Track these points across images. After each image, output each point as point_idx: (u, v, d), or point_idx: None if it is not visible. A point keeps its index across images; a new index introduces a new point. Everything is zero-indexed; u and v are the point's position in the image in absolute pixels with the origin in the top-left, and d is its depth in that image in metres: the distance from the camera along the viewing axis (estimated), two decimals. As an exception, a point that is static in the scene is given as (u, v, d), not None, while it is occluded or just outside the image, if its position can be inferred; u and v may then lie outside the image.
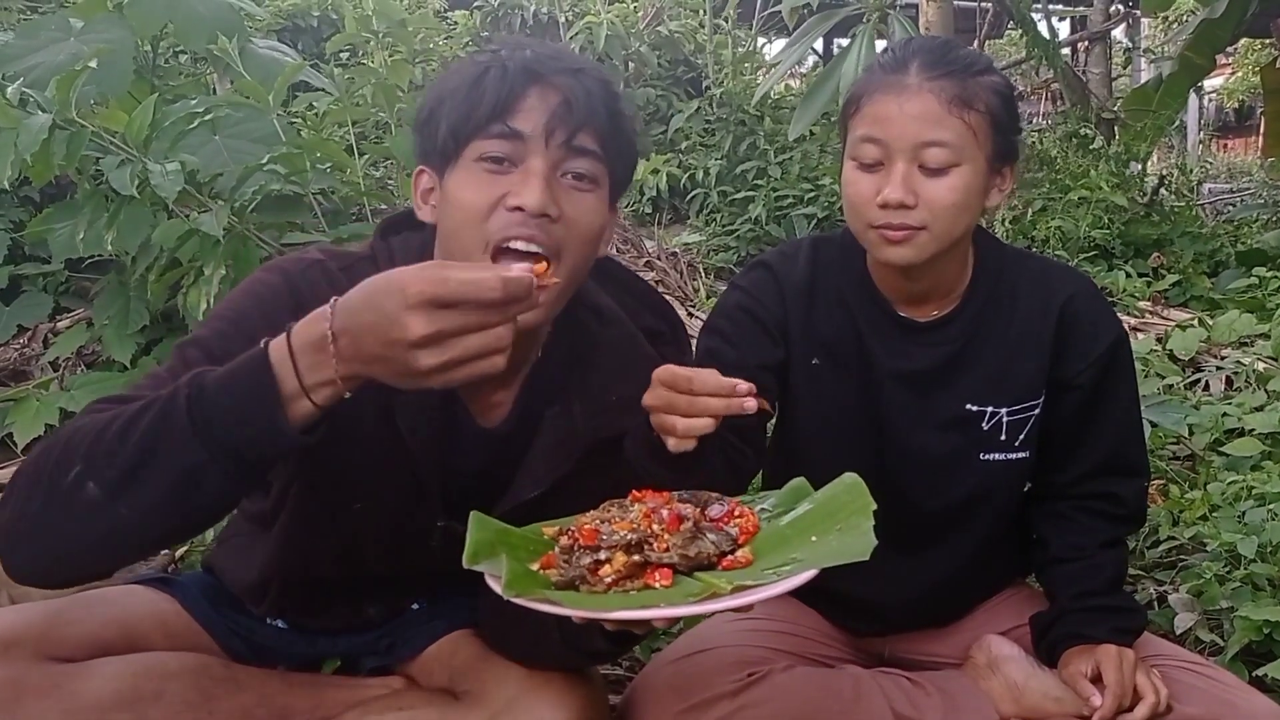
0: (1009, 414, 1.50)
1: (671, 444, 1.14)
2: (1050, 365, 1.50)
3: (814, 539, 1.06)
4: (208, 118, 2.35)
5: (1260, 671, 1.67)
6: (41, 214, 2.49)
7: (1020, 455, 1.52)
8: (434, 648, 1.46)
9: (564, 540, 1.07)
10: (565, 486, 1.33)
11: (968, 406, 1.50)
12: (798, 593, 1.60)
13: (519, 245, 1.19)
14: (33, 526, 1.05)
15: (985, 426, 1.50)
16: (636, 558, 1.03)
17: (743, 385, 1.11)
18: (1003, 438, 1.51)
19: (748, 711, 1.42)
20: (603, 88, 1.24)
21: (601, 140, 1.24)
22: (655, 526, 1.05)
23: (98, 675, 1.26)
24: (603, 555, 1.02)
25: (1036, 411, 1.51)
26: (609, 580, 1.01)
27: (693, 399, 1.12)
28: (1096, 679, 1.41)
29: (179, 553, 2.20)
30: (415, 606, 1.52)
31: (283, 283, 1.27)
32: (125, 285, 2.76)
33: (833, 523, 1.07)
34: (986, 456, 1.51)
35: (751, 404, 1.11)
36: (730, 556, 1.06)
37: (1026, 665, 1.51)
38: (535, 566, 1.06)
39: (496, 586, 1.00)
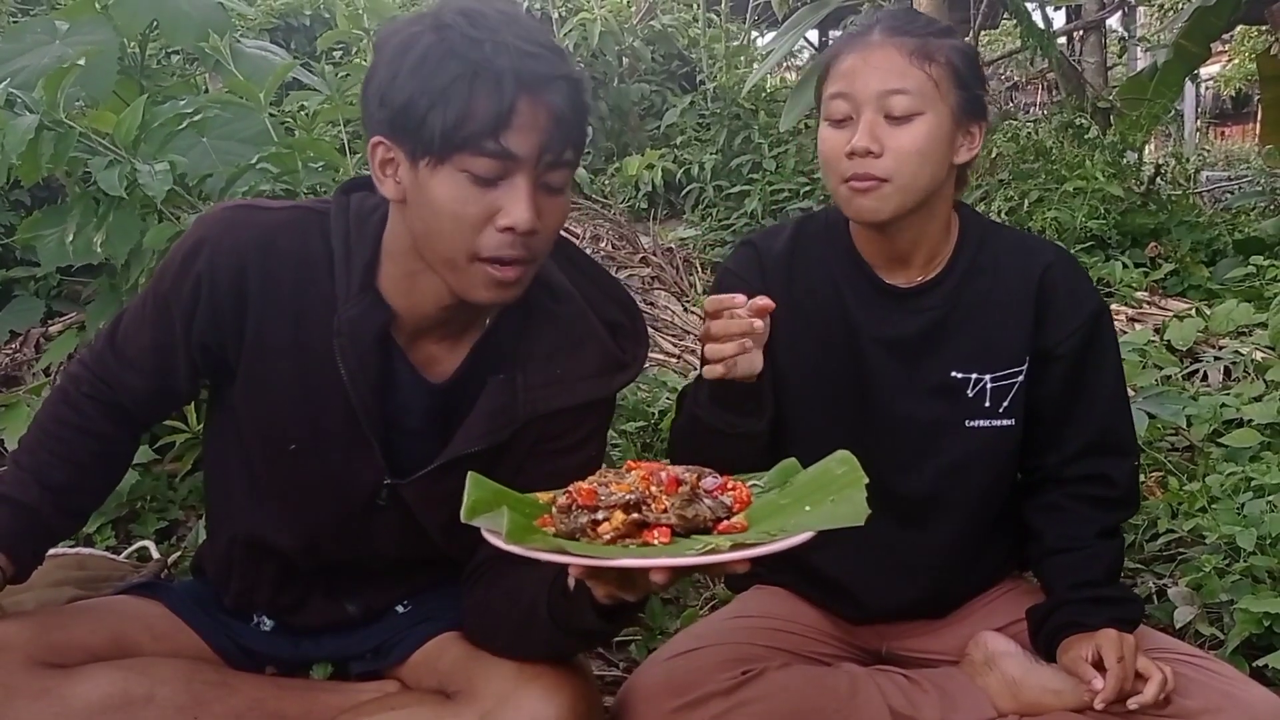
0: (993, 380, 1.52)
1: (718, 370, 1.32)
2: (1033, 332, 1.52)
3: (808, 508, 1.07)
4: (197, 118, 2.32)
5: (1260, 662, 1.66)
6: (30, 218, 2.46)
7: (1006, 423, 1.53)
8: (420, 652, 1.46)
9: (562, 500, 1.08)
10: (504, 459, 1.35)
11: (953, 374, 1.52)
12: (793, 585, 1.64)
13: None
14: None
15: (970, 393, 1.52)
16: (635, 516, 1.04)
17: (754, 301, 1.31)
18: (987, 404, 1.52)
19: (742, 709, 1.42)
20: (580, 94, 1.25)
21: (577, 150, 1.26)
22: (654, 488, 1.07)
23: (88, 679, 1.29)
24: (600, 515, 1.04)
25: (1020, 379, 1.52)
26: (608, 537, 1.03)
27: (727, 321, 1.31)
28: (1097, 664, 1.40)
29: (171, 559, 2.19)
30: (400, 610, 1.52)
31: (229, 219, 1.37)
32: (118, 290, 2.73)
33: (825, 494, 1.09)
34: (972, 424, 1.53)
35: (763, 300, 1.30)
36: (726, 522, 1.07)
37: (1024, 660, 1.51)
38: (535, 524, 1.08)
39: (496, 541, 1.02)
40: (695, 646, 1.51)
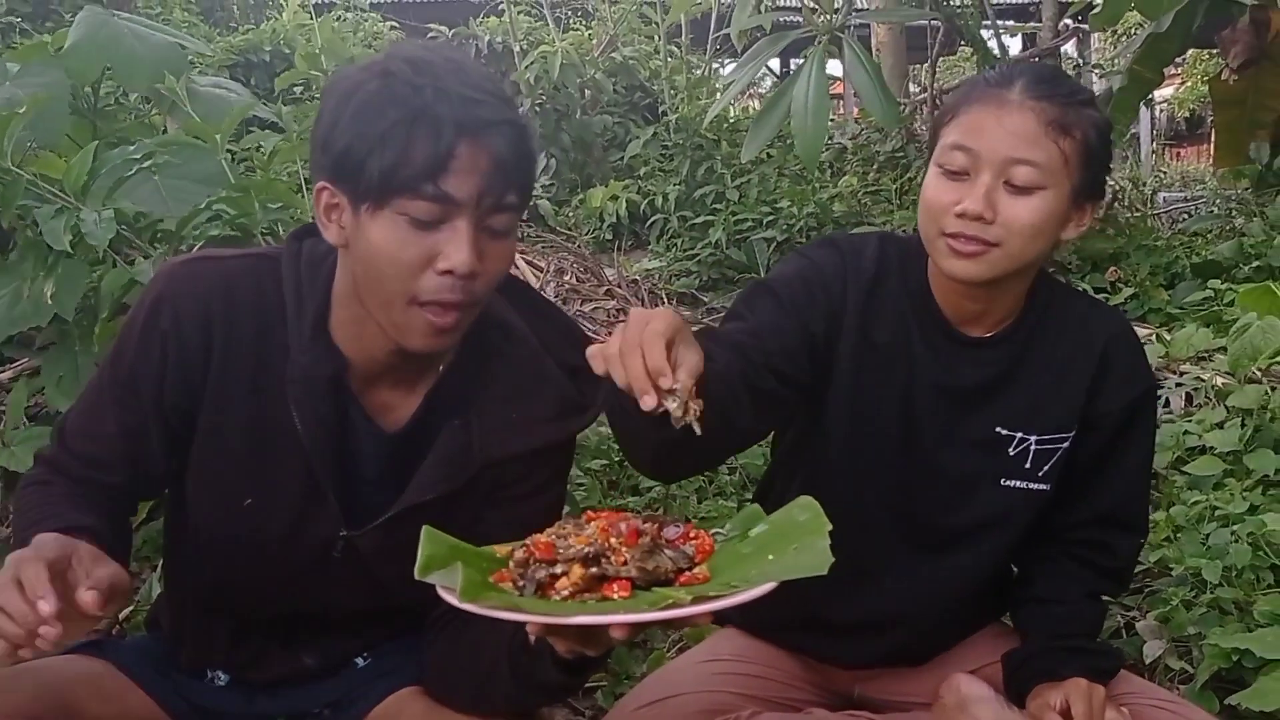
0: (1038, 442, 1.48)
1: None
2: (1085, 402, 1.49)
3: (771, 557, 1.05)
4: (146, 164, 2.29)
5: (1232, 700, 1.65)
6: (-21, 272, 2.41)
7: (1041, 488, 1.50)
8: (381, 707, 1.43)
9: (519, 554, 1.05)
10: (462, 506, 1.32)
11: (998, 429, 1.48)
12: (775, 632, 1.61)
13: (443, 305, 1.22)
14: None
15: (1012, 452, 1.48)
16: (594, 570, 1.02)
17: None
18: (1027, 466, 1.49)
19: (714, 761, 1.39)
20: (525, 139, 1.23)
21: (522, 194, 1.25)
22: (613, 540, 1.04)
23: None
24: (559, 569, 1.02)
25: (1065, 445, 1.49)
26: (566, 593, 1.00)
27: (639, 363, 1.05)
28: (1065, 713, 1.38)
29: (124, 614, 2.13)
30: (360, 662, 1.48)
31: (188, 275, 1.34)
32: (71, 337, 2.68)
33: (789, 542, 1.07)
34: (1008, 483, 1.49)
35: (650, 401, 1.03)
36: (688, 573, 1.05)
37: (996, 706, 1.48)
38: (491, 580, 1.05)
39: (450, 598, 0.99)
40: (665, 696, 1.48)
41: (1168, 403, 3.06)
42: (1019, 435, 1.48)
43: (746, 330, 1.39)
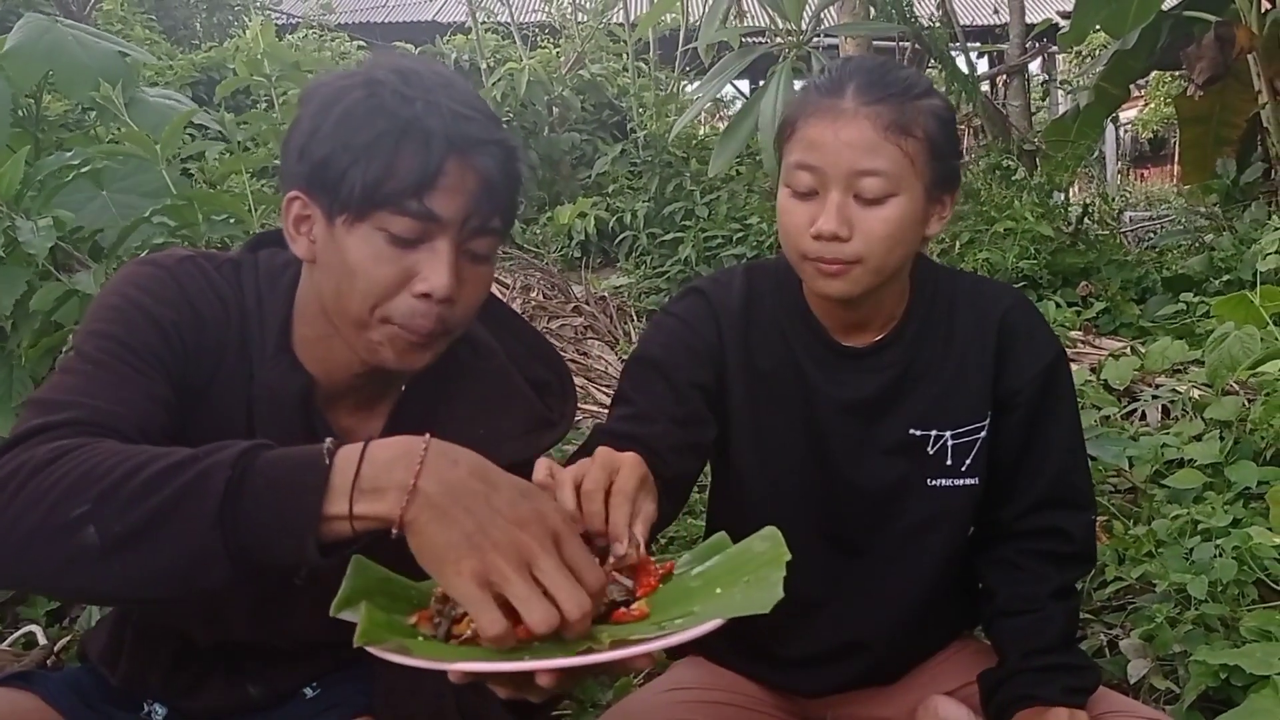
0: (954, 437, 1.43)
1: None
2: (993, 382, 1.43)
3: (718, 591, 0.97)
4: (85, 170, 2.19)
5: (1220, 720, 1.58)
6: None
7: (969, 482, 1.44)
8: None
9: (438, 591, 0.96)
10: None
11: (910, 431, 1.42)
12: (735, 662, 1.54)
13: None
14: (16, 541, 0.93)
15: (931, 451, 1.43)
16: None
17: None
18: (949, 462, 1.43)
19: (681, 794, 1.31)
20: (514, 161, 1.18)
21: (506, 219, 1.19)
22: None
23: None
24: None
25: (983, 434, 1.43)
26: (468, 634, 0.91)
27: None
28: None
29: (59, 645, 2.02)
30: (307, 693, 1.39)
31: (165, 275, 1.20)
32: (7, 353, 2.57)
33: (741, 575, 0.99)
34: (934, 482, 1.43)
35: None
36: (624, 609, 0.97)
37: (975, 728, 1.42)
38: (412, 620, 0.97)
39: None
40: (630, 726, 1.41)
41: (1144, 415, 3.02)
42: (933, 433, 1.43)
43: (638, 418, 1.35)
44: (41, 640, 2.08)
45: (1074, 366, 3.48)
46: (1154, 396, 3.08)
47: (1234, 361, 2.43)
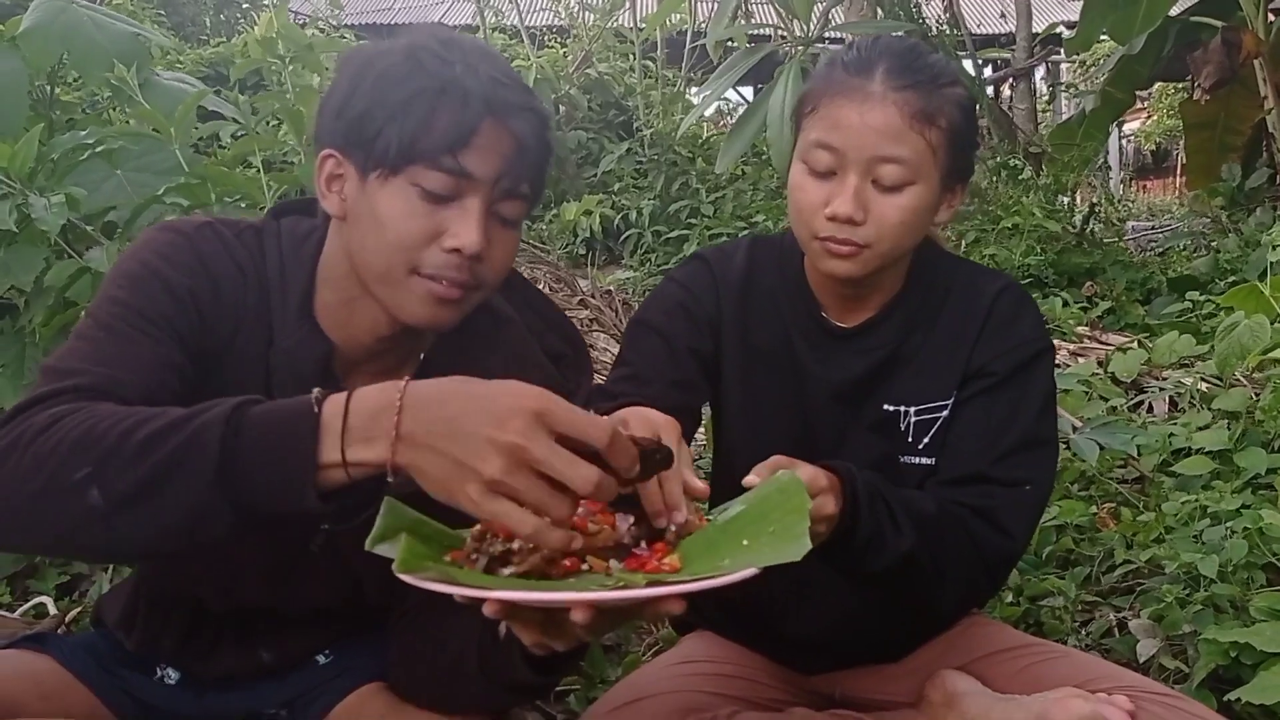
0: (916, 413, 1.42)
1: None
2: (966, 361, 1.41)
3: (745, 543, 0.97)
4: (100, 149, 2.20)
5: (1230, 696, 1.58)
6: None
7: (926, 461, 1.42)
8: (342, 706, 1.35)
9: (476, 529, 0.97)
10: None
11: (884, 406, 1.43)
12: (742, 637, 1.53)
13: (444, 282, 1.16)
14: (21, 506, 0.96)
15: (902, 427, 1.42)
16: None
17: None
18: (909, 440, 1.42)
19: (691, 763, 1.31)
20: (545, 128, 1.20)
21: (535, 187, 1.22)
22: (590, 525, 0.97)
23: None
24: (516, 545, 0.93)
25: (944, 414, 1.41)
26: (510, 570, 0.92)
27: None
28: None
29: (70, 615, 2.03)
30: (320, 660, 1.41)
31: (184, 240, 1.21)
32: (20, 331, 2.58)
33: (765, 525, 0.98)
34: (904, 459, 1.42)
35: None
36: (655, 563, 0.97)
37: (985, 698, 1.41)
38: (447, 559, 0.97)
39: (398, 573, 0.91)
40: (638, 697, 1.40)
41: (1151, 407, 3.02)
42: (901, 409, 1.42)
43: (636, 379, 1.36)
44: (52, 611, 2.09)
45: (1080, 360, 3.49)
46: (1161, 389, 3.08)
47: (1244, 350, 2.43)
